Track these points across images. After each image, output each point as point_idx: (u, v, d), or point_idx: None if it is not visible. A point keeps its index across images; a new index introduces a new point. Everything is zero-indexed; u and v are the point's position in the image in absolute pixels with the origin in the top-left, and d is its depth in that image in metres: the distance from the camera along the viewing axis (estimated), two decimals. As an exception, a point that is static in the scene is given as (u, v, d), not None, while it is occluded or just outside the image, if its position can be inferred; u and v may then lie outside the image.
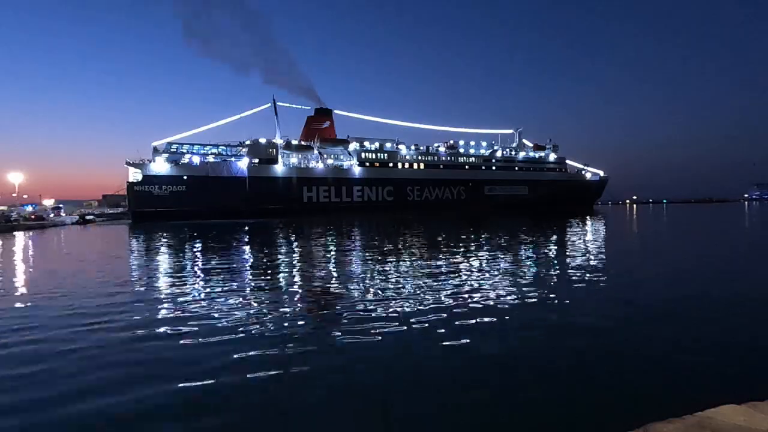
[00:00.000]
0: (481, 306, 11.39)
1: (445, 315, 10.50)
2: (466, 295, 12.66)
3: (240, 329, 9.64)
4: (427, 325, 9.77)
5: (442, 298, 12.32)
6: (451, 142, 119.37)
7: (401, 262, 20.37)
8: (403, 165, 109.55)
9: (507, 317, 10.36)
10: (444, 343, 8.53)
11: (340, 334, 9.28)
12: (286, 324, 10.14)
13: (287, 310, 11.61)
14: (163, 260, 24.00)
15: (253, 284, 15.95)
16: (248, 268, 20.39)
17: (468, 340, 8.69)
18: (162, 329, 9.85)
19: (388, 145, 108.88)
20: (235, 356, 7.99)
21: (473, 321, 10.02)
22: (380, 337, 8.99)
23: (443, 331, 9.33)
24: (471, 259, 20.81)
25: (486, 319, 10.15)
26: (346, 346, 8.57)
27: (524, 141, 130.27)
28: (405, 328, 9.57)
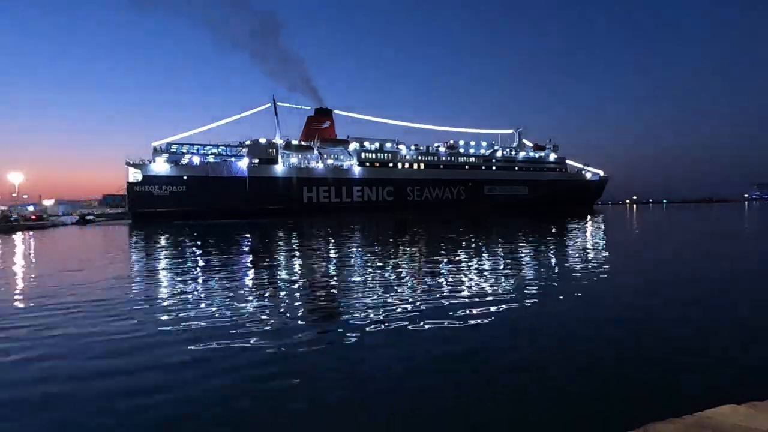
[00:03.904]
0: (477, 303, 11.36)
1: (445, 313, 10.49)
2: (466, 294, 12.64)
3: (240, 329, 9.63)
4: (429, 323, 9.76)
5: (445, 297, 12.30)
6: (451, 142, 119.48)
7: (403, 262, 20.37)
8: (403, 165, 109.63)
9: (502, 317, 10.33)
10: (442, 343, 8.52)
11: (342, 332, 9.28)
12: (287, 325, 10.14)
13: (288, 310, 11.60)
14: (164, 261, 24.00)
15: (253, 285, 15.94)
16: (248, 268, 20.39)
17: (460, 337, 8.69)
18: (162, 330, 9.85)
19: (388, 145, 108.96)
20: (235, 355, 7.99)
21: (468, 317, 10.00)
22: (388, 334, 8.98)
23: (443, 330, 9.33)
24: (472, 259, 20.80)
25: (481, 317, 10.13)
26: (350, 344, 8.57)
27: (524, 141, 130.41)
28: (413, 326, 9.57)
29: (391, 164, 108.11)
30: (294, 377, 7.11)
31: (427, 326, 9.68)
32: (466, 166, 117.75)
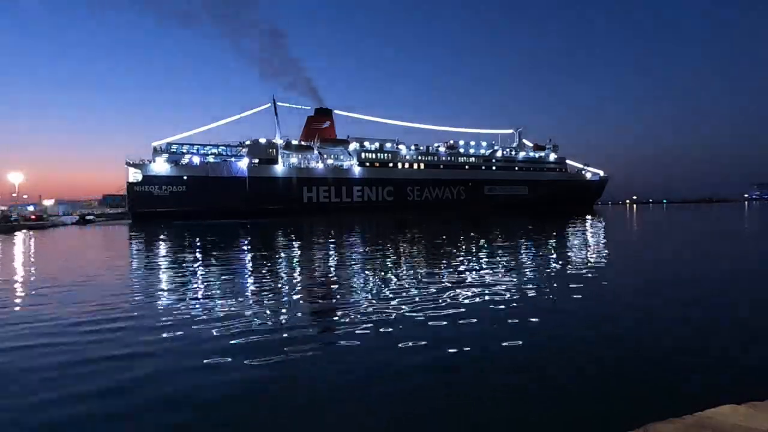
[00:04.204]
0: (477, 302, 11.36)
1: (445, 313, 10.48)
2: (466, 294, 12.63)
3: (238, 329, 9.63)
4: (429, 323, 9.76)
5: (444, 297, 12.28)
6: (451, 142, 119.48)
7: (403, 262, 20.36)
8: (403, 165, 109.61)
9: (502, 317, 10.32)
10: (442, 342, 8.52)
11: (342, 332, 9.28)
12: (285, 324, 10.13)
13: (287, 310, 11.60)
14: (164, 261, 23.99)
15: (251, 285, 15.93)
16: (248, 269, 20.39)
17: (450, 342, 8.68)
18: (159, 329, 9.85)
19: (388, 145, 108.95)
20: (233, 354, 7.99)
21: (467, 317, 10.00)
22: (387, 333, 8.98)
23: (443, 329, 9.33)
24: (471, 259, 20.78)
25: (481, 317, 10.13)
26: (350, 344, 8.56)
27: (524, 141, 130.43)
28: (412, 325, 9.56)
29: (391, 164, 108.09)
30: (294, 377, 7.11)
31: (426, 326, 9.66)
32: (466, 166, 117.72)
